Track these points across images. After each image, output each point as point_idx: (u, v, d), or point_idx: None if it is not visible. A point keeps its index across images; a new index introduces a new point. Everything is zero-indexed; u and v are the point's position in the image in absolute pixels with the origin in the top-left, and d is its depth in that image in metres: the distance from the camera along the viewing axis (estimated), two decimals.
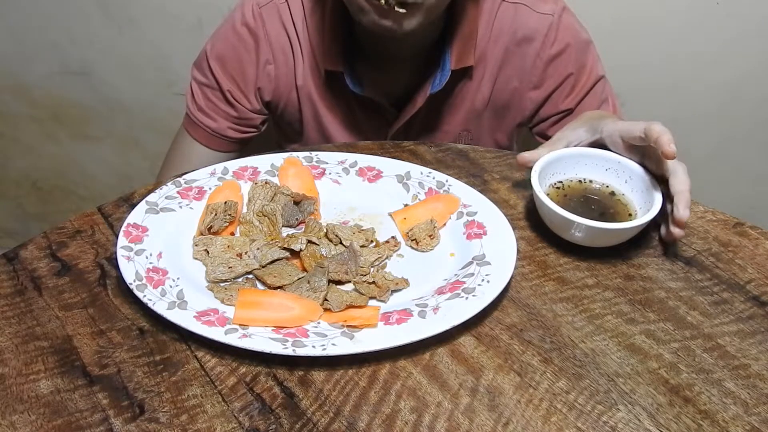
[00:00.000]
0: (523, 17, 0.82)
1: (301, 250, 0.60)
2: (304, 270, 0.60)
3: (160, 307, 0.53)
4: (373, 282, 0.59)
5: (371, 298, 0.57)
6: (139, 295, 0.54)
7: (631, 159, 0.66)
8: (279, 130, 0.97)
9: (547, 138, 0.75)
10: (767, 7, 1.10)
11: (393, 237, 0.64)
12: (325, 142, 0.90)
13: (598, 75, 0.86)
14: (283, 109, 0.90)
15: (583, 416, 0.50)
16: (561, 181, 0.69)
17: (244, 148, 0.94)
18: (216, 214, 0.63)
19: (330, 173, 0.70)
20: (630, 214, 0.65)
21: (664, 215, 0.63)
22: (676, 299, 0.60)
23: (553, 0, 0.83)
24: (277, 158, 0.71)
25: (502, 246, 0.61)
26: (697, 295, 0.60)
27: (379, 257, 0.61)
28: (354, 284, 0.59)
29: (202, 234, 0.62)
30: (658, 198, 0.63)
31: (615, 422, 0.49)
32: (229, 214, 0.63)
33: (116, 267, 0.57)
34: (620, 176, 0.68)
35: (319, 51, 0.83)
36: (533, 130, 0.91)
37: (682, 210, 0.59)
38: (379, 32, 0.72)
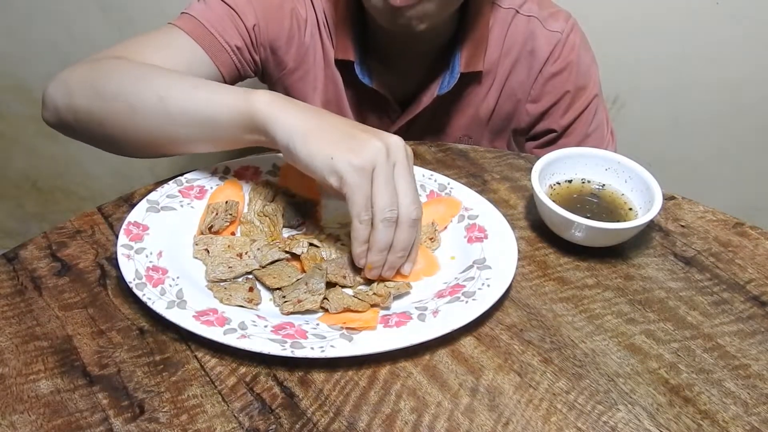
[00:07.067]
0: (534, 32, 0.83)
1: (302, 253, 0.60)
2: (304, 272, 0.60)
3: (159, 306, 0.53)
4: (374, 293, 0.58)
5: (373, 305, 0.57)
6: (139, 293, 0.54)
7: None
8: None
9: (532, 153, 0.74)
10: (767, 7, 1.10)
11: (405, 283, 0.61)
12: None
13: (596, 97, 0.86)
14: (300, 77, 0.86)
15: (583, 416, 0.50)
16: (561, 181, 0.69)
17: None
18: (217, 214, 0.63)
19: None
20: (630, 214, 0.65)
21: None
22: (676, 299, 0.60)
23: (565, 18, 0.84)
24: (279, 158, 0.71)
25: (502, 250, 0.61)
26: (697, 295, 0.60)
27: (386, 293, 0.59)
28: (355, 294, 0.58)
29: (202, 233, 0.62)
30: (658, 198, 0.63)
31: (615, 422, 0.49)
32: (230, 214, 0.63)
33: (116, 267, 0.57)
34: (620, 176, 0.68)
35: (333, 40, 0.83)
36: (526, 145, 0.92)
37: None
38: (391, 27, 0.74)
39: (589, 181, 0.69)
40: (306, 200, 0.67)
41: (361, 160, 0.54)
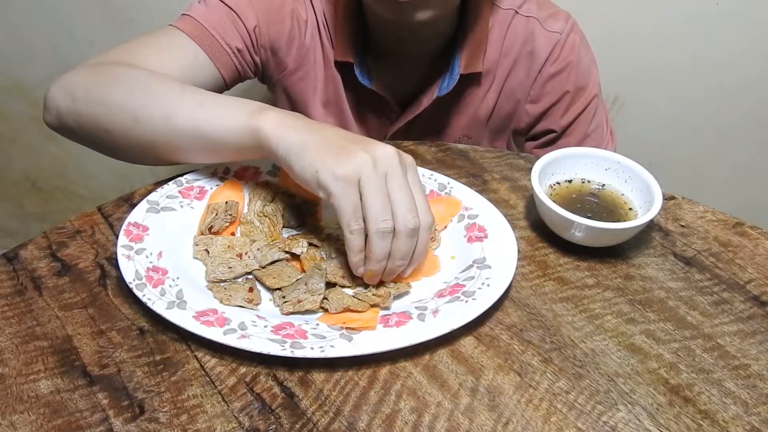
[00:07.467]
0: (534, 32, 0.83)
1: (302, 253, 0.60)
2: (304, 272, 0.60)
3: (159, 307, 0.53)
4: (374, 293, 0.58)
5: (373, 305, 0.57)
6: (139, 294, 0.54)
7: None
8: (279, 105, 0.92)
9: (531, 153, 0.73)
10: (767, 7, 1.10)
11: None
12: None
13: (596, 97, 0.86)
14: (300, 78, 0.86)
15: (583, 416, 0.50)
16: (561, 181, 0.69)
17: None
18: (217, 214, 0.63)
19: None
20: (630, 213, 0.65)
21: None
22: (676, 299, 0.60)
23: (564, 18, 0.84)
24: None
25: (502, 250, 0.61)
26: (697, 295, 0.61)
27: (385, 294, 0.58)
28: (354, 294, 0.58)
29: (202, 234, 0.62)
30: (658, 197, 0.63)
31: (615, 422, 0.49)
32: (230, 214, 0.63)
33: (116, 267, 0.57)
34: (620, 176, 0.68)
35: (332, 41, 0.83)
36: (526, 145, 0.92)
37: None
38: (392, 21, 0.74)
39: (589, 181, 0.69)
40: (306, 200, 0.67)
41: (343, 170, 0.54)
